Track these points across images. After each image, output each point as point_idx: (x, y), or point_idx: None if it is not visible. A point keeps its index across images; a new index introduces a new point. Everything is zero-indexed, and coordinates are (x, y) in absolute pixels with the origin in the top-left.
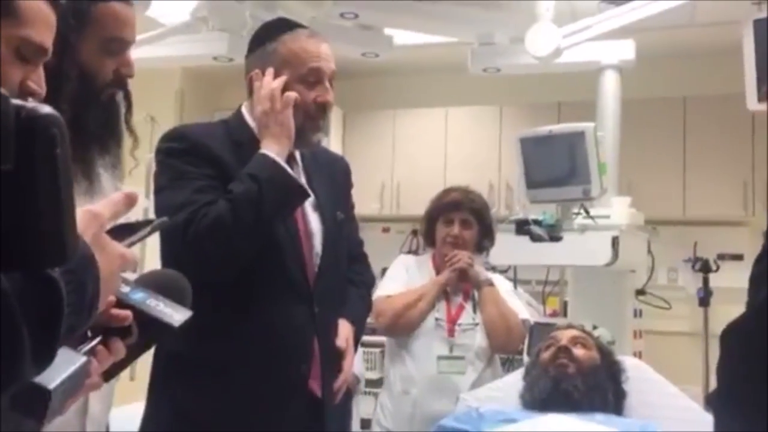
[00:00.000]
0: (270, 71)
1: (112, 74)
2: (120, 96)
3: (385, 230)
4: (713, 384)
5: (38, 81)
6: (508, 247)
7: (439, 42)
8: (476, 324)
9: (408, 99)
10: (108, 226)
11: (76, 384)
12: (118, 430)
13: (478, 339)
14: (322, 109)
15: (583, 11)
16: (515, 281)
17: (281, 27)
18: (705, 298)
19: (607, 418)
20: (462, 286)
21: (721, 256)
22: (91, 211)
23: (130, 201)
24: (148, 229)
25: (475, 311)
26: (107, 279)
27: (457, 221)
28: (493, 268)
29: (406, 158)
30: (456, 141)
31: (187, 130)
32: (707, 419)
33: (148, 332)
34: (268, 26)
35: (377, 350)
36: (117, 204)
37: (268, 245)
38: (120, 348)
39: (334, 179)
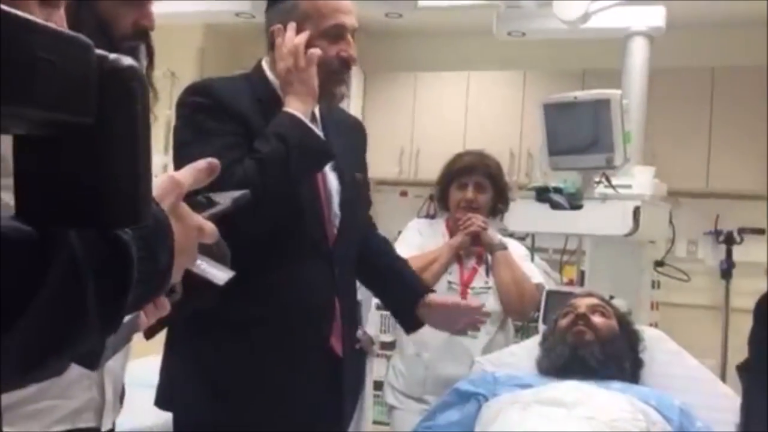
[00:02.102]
0: (292, 26)
1: (131, 26)
2: (142, 49)
3: (403, 194)
4: (732, 356)
5: (61, 24)
6: (527, 214)
7: (465, 4)
8: (489, 287)
9: (430, 62)
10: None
11: (126, 337)
12: (133, 382)
13: (491, 302)
14: (346, 64)
15: None
16: (533, 249)
17: None
18: (728, 269)
19: (624, 387)
20: (475, 249)
21: (743, 230)
22: (172, 177)
23: (213, 170)
24: (230, 202)
25: (487, 274)
26: (182, 251)
27: (471, 185)
28: (511, 235)
29: (426, 122)
30: (477, 106)
31: (214, 84)
32: (725, 392)
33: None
34: None
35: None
36: (199, 172)
37: (289, 206)
38: (166, 304)
39: (350, 140)
